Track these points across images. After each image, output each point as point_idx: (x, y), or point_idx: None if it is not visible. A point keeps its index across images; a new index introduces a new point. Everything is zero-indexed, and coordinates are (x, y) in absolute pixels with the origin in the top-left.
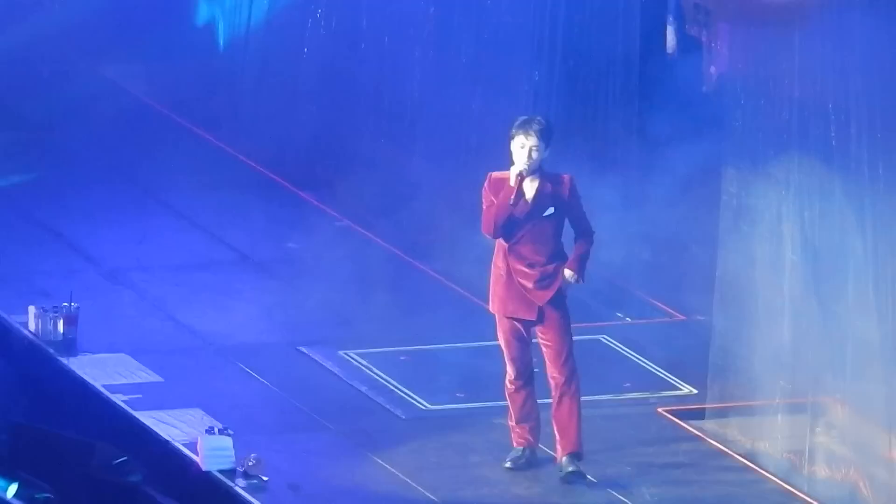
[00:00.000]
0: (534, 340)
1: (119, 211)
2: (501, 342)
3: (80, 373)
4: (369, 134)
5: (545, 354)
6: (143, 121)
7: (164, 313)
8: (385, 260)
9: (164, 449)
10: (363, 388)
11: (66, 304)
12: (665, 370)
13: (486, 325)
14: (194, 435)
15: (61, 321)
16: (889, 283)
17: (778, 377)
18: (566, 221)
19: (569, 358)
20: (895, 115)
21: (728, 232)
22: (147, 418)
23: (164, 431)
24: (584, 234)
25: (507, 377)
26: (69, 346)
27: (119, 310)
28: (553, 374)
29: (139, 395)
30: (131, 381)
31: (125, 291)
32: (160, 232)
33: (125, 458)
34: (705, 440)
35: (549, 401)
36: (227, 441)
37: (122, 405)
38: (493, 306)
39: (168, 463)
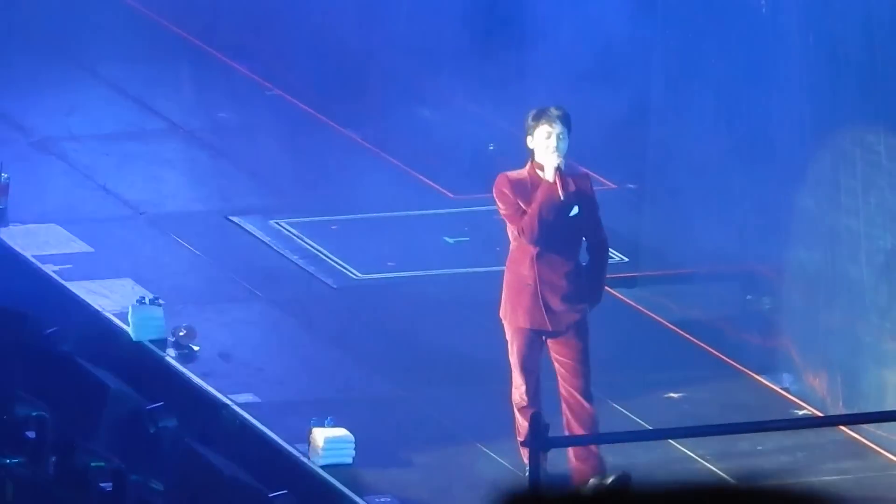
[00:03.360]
0: None
1: (49, 81)
2: (517, 355)
3: (10, 243)
4: (302, 1)
5: (561, 371)
6: None
7: (95, 183)
8: (316, 129)
9: (94, 319)
10: (294, 258)
11: None
12: None
13: (416, 194)
14: (125, 305)
15: None
16: (821, 149)
17: (709, 244)
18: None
19: (587, 377)
20: None
21: (659, 100)
22: (78, 288)
23: (95, 301)
24: (600, 243)
25: (518, 394)
26: None
27: (49, 180)
28: (569, 392)
29: (70, 266)
30: (62, 251)
31: (55, 161)
32: (90, 102)
33: (56, 328)
34: (637, 308)
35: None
36: (158, 311)
37: (53, 275)
38: (512, 318)
39: (99, 333)
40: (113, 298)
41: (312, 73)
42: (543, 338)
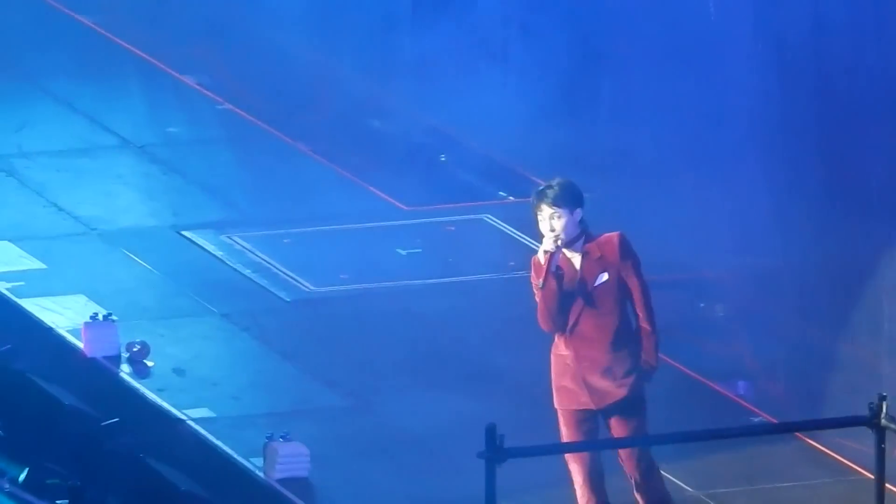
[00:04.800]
0: None
1: None
2: (569, 440)
3: None
4: (251, 15)
5: (619, 452)
6: (22, 7)
7: (47, 199)
8: (266, 142)
9: (48, 336)
10: (247, 272)
11: None
12: None
13: (368, 206)
14: (78, 321)
15: None
16: (770, 153)
17: (661, 251)
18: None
19: (643, 457)
20: None
21: (608, 107)
22: (31, 305)
23: (48, 318)
24: (642, 309)
25: (581, 494)
26: None
27: (0, 197)
28: (628, 469)
29: (22, 283)
30: (14, 268)
31: (6, 178)
32: (41, 118)
33: (9, 345)
34: None
35: None
36: (112, 327)
37: (6, 293)
38: (558, 399)
39: (52, 350)
40: (66, 315)
41: (262, 86)
42: (599, 417)
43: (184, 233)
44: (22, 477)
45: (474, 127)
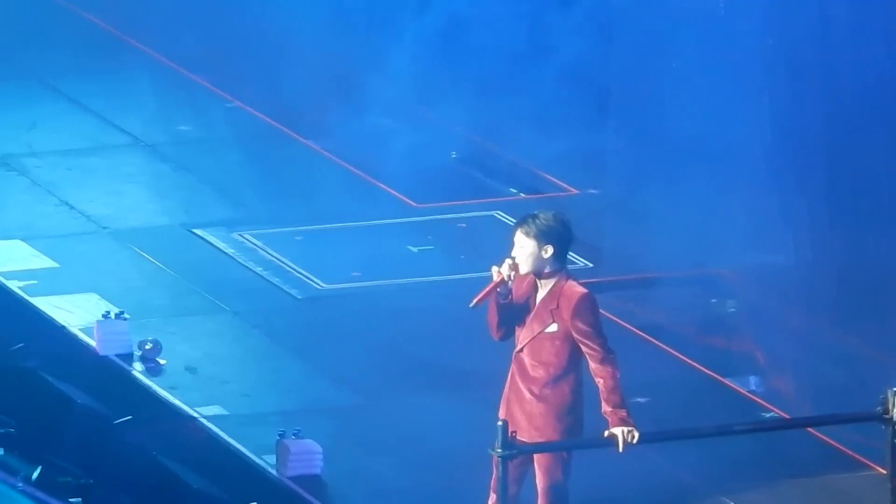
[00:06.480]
0: None
1: (8, 97)
2: None
3: None
4: (261, 13)
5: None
6: (31, 6)
7: (58, 198)
8: (276, 140)
9: (60, 334)
10: (258, 269)
11: None
12: None
13: (379, 204)
14: (90, 320)
15: None
16: (780, 150)
17: (672, 248)
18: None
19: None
20: None
21: (618, 104)
22: (43, 304)
23: (60, 317)
24: (602, 361)
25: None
26: None
27: (12, 196)
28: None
29: (34, 282)
30: (26, 267)
31: (17, 178)
32: (51, 117)
33: (22, 344)
34: (601, 313)
35: None
36: (124, 325)
37: (18, 291)
38: (501, 410)
39: (65, 348)
40: (78, 314)
41: (272, 84)
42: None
43: (195, 231)
44: (35, 475)
45: (486, 124)
